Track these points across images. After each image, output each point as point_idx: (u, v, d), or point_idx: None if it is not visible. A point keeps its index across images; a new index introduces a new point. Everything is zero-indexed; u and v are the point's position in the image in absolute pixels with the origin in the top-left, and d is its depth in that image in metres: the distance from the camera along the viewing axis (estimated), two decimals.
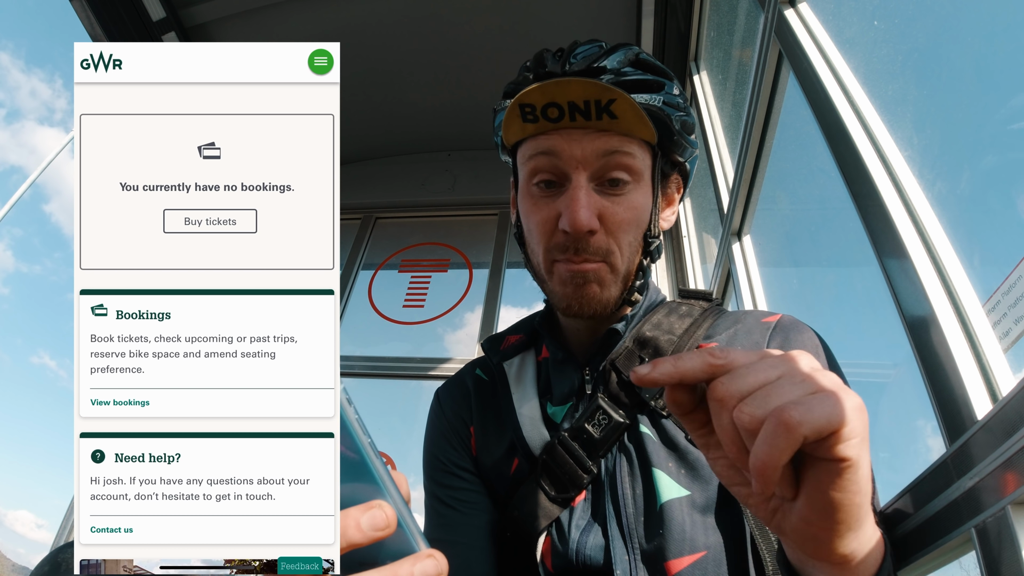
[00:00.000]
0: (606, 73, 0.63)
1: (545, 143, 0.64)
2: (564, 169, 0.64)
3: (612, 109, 0.60)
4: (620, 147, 0.63)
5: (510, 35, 2.43)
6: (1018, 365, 0.62)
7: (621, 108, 0.60)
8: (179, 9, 2.37)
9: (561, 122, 0.62)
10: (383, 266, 2.88)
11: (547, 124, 0.63)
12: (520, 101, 0.62)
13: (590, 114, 0.61)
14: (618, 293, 0.67)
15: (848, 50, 1.04)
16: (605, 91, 0.59)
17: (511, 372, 0.76)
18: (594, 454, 0.65)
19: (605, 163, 0.63)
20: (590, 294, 0.65)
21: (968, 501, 0.55)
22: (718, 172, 1.88)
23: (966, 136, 0.80)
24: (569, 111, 0.61)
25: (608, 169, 0.63)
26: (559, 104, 0.61)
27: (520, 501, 0.68)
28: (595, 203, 0.63)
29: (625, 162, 0.63)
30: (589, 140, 0.62)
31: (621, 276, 0.66)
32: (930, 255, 0.74)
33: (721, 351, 0.37)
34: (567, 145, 0.63)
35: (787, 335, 0.64)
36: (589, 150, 0.63)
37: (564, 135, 0.63)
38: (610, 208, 0.64)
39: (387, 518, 0.33)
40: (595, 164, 0.63)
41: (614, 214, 0.64)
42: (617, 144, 0.63)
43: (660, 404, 0.64)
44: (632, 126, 0.62)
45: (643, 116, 0.61)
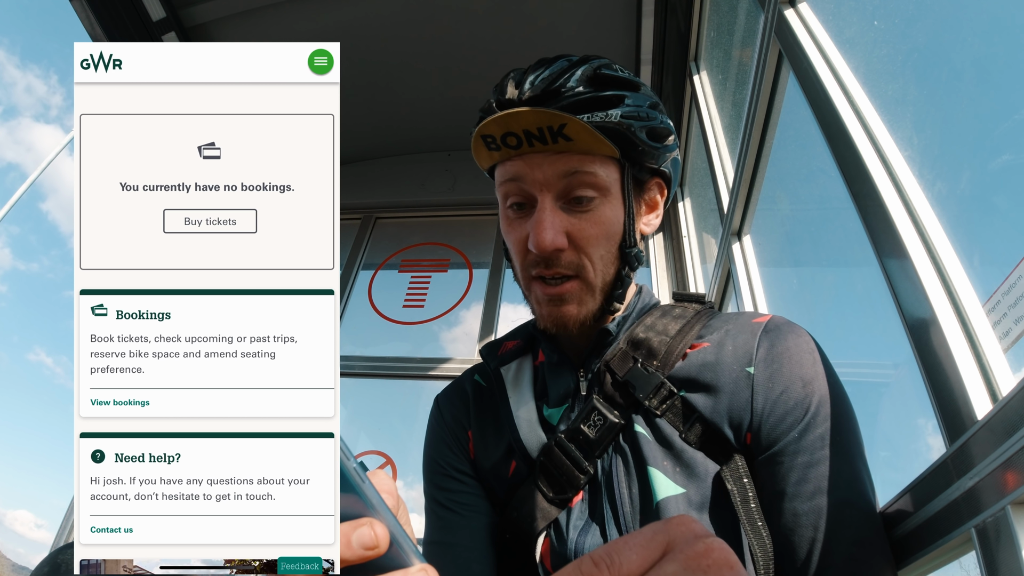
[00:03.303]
0: (560, 95, 0.64)
1: (511, 169, 0.67)
2: (530, 192, 0.66)
3: (565, 133, 0.62)
4: (580, 167, 0.65)
5: (510, 35, 2.43)
6: (1018, 365, 0.62)
7: (574, 131, 0.62)
8: (179, 9, 2.37)
9: (521, 148, 0.65)
10: (383, 266, 2.88)
11: (509, 151, 0.66)
12: (480, 133, 0.66)
13: (545, 139, 0.63)
14: (596, 306, 0.69)
15: (848, 50, 1.04)
16: (555, 117, 0.61)
17: (508, 377, 0.77)
18: (590, 455, 0.66)
19: (568, 183, 0.65)
20: (567, 314, 0.67)
21: (968, 501, 0.55)
22: (718, 172, 1.88)
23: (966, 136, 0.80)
24: (526, 138, 0.64)
25: (572, 188, 0.65)
26: (515, 133, 0.64)
27: (519, 503, 0.69)
28: (561, 222, 0.65)
29: (587, 180, 0.65)
30: (550, 163, 0.64)
31: (597, 289, 0.68)
32: (930, 255, 0.74)
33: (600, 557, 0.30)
34: (529, 170, 0.65)
35: (776, 337, 0.64)
36: (550, 173, 0.65)
37: (526, 160, 0.65)
38: (577, 225, 0.66)
39: (376, 537, 0.33)
40: (558, 185, 0.65)
41: (581, 230, 0.66)
42: (577, 164, 0.64)
43: (654, 404, 0.65)
44: (589, 145, 0.64)
45: (597, 135, 0.63)
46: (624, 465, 0.65)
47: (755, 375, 0.62)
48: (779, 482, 0.59)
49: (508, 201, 0.69)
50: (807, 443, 0.59)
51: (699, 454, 0.62)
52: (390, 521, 0.34)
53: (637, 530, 0.31)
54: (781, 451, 0.59)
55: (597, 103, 0.64)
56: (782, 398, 0.60)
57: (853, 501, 0.57)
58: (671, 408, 0.64)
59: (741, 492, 0.60)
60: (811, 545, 0.56)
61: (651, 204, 0.74)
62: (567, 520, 0.66)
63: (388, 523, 0.34)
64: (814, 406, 0.60)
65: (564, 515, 0.67)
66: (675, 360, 0.66)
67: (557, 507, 0.67)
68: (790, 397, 0.60)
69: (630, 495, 0.63)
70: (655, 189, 0.74)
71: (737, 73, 1.74)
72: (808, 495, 0.57)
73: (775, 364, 0.62)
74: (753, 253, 1.65)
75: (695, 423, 0.63)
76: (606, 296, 0.69)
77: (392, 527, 0.34)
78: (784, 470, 0.59)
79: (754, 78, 1.42)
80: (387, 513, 0.34)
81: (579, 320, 0.68)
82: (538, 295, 0.68)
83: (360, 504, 0.33)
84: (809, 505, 0.57)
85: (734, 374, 0.63)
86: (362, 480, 0.34)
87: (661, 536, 0.29)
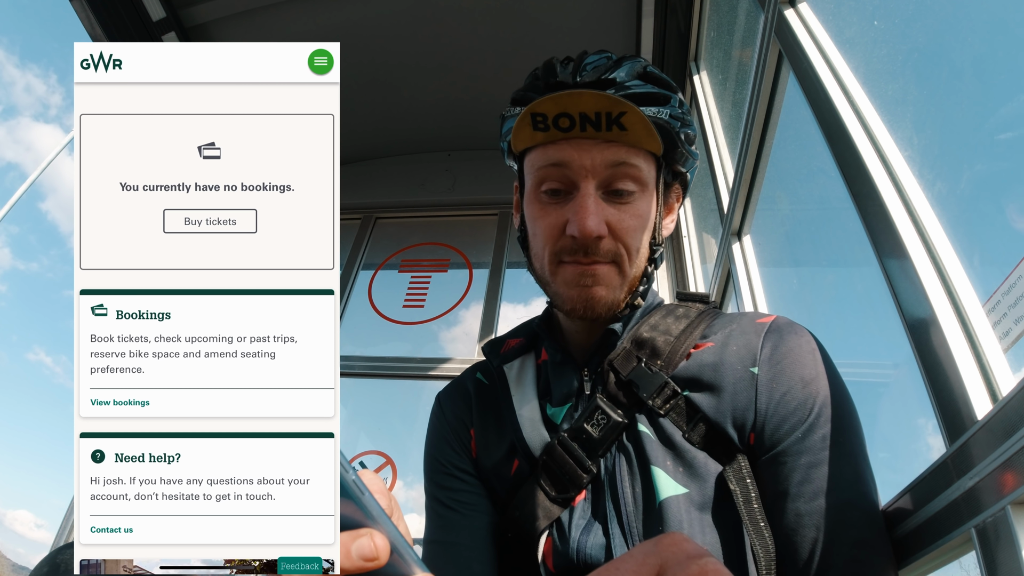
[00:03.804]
0: (615, 85, 0.64)
1: (555, 153, 0.65)
2: (573, 178, 0.65)
3: (622, 121, 0.62)
4: (628, 158, 0.65)
5: (510, 35, 2.43)
6: (1018, 365, 0.62)
7: (631, 121, 0.62)
8: (179, 9, 2.37)
9: (571, 132, 0.64)
10: (383, 266, 2.88)
11: (557, 133, 0.64)
12: (532, 110, 0.63)
13: (600, 125, 0.62)
14: (623, 296, 0.68)
15: (848, 50, 1.04)
16: (617, 104, 0.61)
17: (511, 375, 0.77)
18: (593, 454, 0.66)
19: (613, 173, 0.65)
20: (596, 296, 0.66)
21: (968, 501, 0.55)
22: (718, 172, 1.88)
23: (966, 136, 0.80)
24: (580, 122, 0.62)
25: (615, 179, 0.65)
26: (571, 115, 0.62)
27: (521, 502, 0.69)
28: (603, 211, 0.65)
29: (632, 173, 0.65)
30: (599, 150, 0.64)
31: (628, 280, 0.68)
32: (930, 255, 0.74)
33: None
34: (577, 154, 0.64)
35: (780, 337, 0.64)
36: (599, 160, 0.64)
37: (574, 144, 0.64)
38: (616, 215, 0.65)
39: (376, 548, 0.33)
40: (603, 174, 0.65)
41: (620, 221, 0.65)
42: (625, 155, 0.64)
43: (658, 403, 0.65)
44: (640, 138, 0.64)
45: (651, 129, 0.63)
46: (627, 464, 0.64)
47: (759, 375, 0.62)
48: (782, 482, 0.59)
49: (544, 186, 0.67)
50: (810, 444, 0.59)
51: (702, 454, 0.62)
52: (391, 531, 0.34)
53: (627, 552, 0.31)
54: (784, 451, 0.59)
55: (651, 98, 0.65)
56: (785, 399, 0.60)
57: (856, 502, 0.57)
58: (674, 408, 0.64)
59: (744, 492, 0.60)
60: (813, 545, 0.56)
61: (669, 207, 0.75)
62: (569, 519, 0.66)
63: (389, 533, 0.34)
64: (817, 407, 0.60)
65: (566, 514, 0.66)
66: (679, 360, 0.66)
67: (559, 506, 0.67)
68: (793, 398, 0.60)
69: (633, 494, 0.63)
70: (674, 194, 0.75)
71: (737, 73, 1.74)
72: (811, 495, 0.57)
73: (779, 365, 0.62)
74: (753, 253, 1.65)
75: (698, 423, 0.63)
76: (632, 290, 0.69)
77: (393, 537, 0.34)
78: (787, 470, 0.59)
79: (754, 78, 1.42)
80: (387, 523, 0.34)
81: (607, 304, 0.67)
82: (567, 277, 0.67)
83: (360, 514, 0.33)
84: (812, 506, 0.57)
85: (738, 374, 0.63)
86: (361, 492, 0.34)
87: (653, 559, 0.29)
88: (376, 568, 0.33)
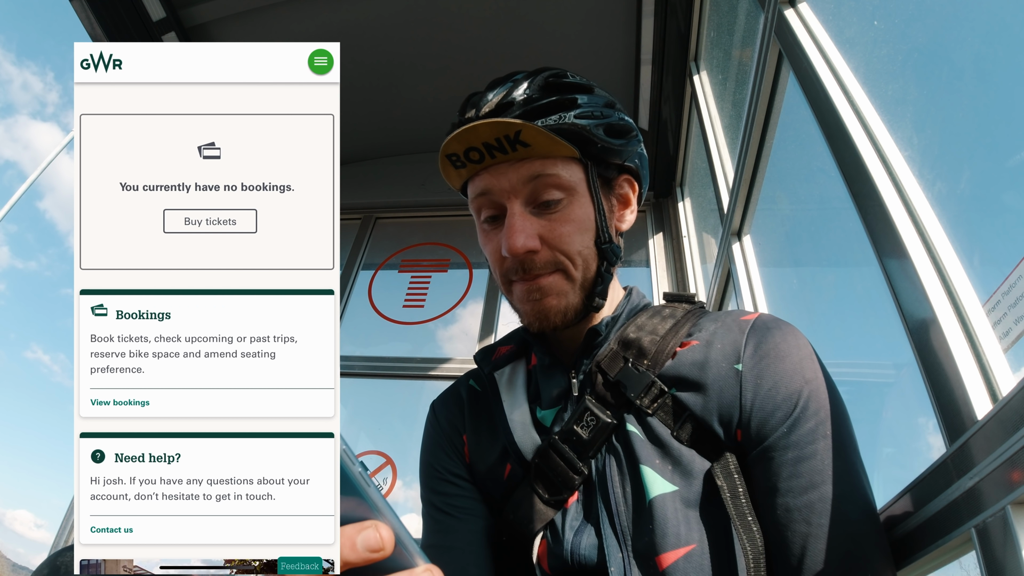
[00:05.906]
0: (514, 106, 0.66)
1: (479, 183, 0.69)
2: (499, 201, 0.68)
3: (522, 139, 0.64)
4: (543, 170, 0.66)
5: (510, 35, 2.43)
6: (1018, 365, 0.62)
7: (529, 135, 0.64)
8: (179, 9, 2.37)
9: (484, 161, 0.67)
10: (383, 266, 2.88)
11: (474, 166, 0.68)
12: (444, 152, 0.68)
13: (505, 148, 0.65)
14: (578, 301, 0.69)
15: (848, 50, 1.04)
16: (509, 126, 0.64)
17: (502, 381, 0.78)
18: (584, 455, 0.67)
19: (533, 187, 0.67)
20: (548, 307, 0.68)
21: (968, 501, 0.55)
22: (718, 172, 1.88)
23: (966, 136, 0.80)
24: (486, 150, 0.66)
25: (538, 192, 0.67)
26: (476, 147, 0.66)
27: (515, 505, 0.69)
28: (532, 225, 0.67)
29: (552, 182, 0.67)
30: (514, 171, 0.67)
31: (579, 283, 0.69)
32: (930, 255, 0.74)
33: None
34: (495, 180, 0.67)
35: (764, 333, 0.65)
36: (515, 179, 0.67)
37: (491, 171, 0.68)
38: (548, 226, 0.67)
39: (382, 539, 0.33)
40: (524, 191, 0.67)
41: (552, 230, 0.67)
42: (539, 168, 0.66)
43: (645, 403, 0.65)
44: (547, 148, 0.66)
45: (553, 137, 0.65)
46: (617, 465, 0.65)
47: (743, 372, 0.63)
48: (770, 478, 0.59)
49: (482, 216, 0.71)
50: (796, 438, 0.59)
51: (690, 451, 0.63)
52: (395, 523, 0.34)
53: None
54: (771, 447, 0.59)
55: (549, 108, 0.66)
56: (770, 394, 0.61)
57: (846, 495, 0.57)
58: (662, 407, 0.65)
59: (731, 487, 0.60)
60: (804, 540, 0.56)
61: (624, 200, 0.75)
62: (563, 521, 0.66)
63: (393, 524, 0.34)
64: (803, 401, 0.60)
65: (560, 516, 0.67)
66: (665, 359, 0.67)
67: (553, 508, 0.67)
68: (778, 392, 0.60)
69: (623, 494, 0.63)
70: (625, 185, 0.75)
71: (737, 73, 1.74)
72: (799, 490, 0.57)
73: (763, 360, 0.63)
74: (753, 253, 1.65)
75: (686, 421, 0.64)
76: (588, 292, 0.70)
77: (397, 528, 0.34)
78: (775, 466, 0.59)
79: (754, 78, 1.42)
80: (391, 515, 0.34)
81: (560, 312, 0.68)
82: (519, 294, 0.70)
83: (364, 507, 0.33)
84: (801, 500, 0.57)
85: (723, 371, 0.64)
86: (366, 483, 0.34)
87: None
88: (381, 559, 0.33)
